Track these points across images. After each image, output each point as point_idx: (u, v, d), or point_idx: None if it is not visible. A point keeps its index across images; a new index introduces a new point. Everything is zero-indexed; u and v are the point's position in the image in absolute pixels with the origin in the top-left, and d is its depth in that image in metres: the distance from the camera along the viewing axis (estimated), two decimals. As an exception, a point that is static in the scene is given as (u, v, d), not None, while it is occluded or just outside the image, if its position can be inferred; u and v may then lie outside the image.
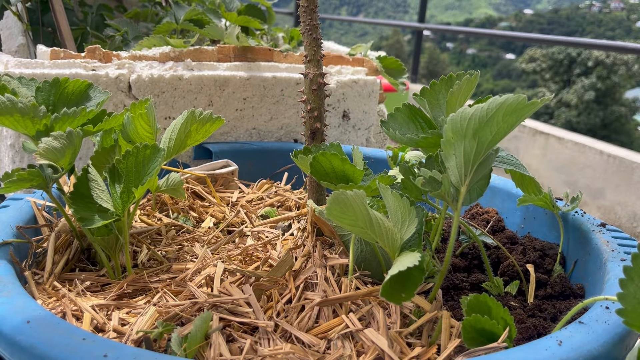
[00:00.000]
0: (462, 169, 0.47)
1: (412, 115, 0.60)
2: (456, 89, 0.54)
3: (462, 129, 0.46)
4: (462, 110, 0.45)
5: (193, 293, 0.51)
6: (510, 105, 0.43)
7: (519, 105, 0.43)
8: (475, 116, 0.45)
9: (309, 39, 0.65)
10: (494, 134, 0.45)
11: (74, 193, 0.54)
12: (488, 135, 0.45)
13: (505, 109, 0.44)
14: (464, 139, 0.46)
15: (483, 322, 0.43)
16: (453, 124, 0.46)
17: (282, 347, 0.44)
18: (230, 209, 0.76)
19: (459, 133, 0.46)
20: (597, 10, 47.61)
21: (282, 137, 1.03)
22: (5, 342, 0.40)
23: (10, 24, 1.29)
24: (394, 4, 77.87)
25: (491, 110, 0.44)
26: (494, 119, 0.44)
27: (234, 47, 1.02)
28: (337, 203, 0.45)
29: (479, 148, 0.46)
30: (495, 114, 0.44)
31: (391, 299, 0.44)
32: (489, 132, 0.45)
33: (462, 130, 0.46)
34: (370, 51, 1.25)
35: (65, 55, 0.91)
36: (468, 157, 0.46)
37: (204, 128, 0.63)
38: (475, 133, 0.45)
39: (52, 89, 0.59)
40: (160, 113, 0.91)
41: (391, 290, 0.44)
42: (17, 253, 0.56)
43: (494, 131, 0.45)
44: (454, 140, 0.46)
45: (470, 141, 0.46)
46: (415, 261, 0.42)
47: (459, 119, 0.46)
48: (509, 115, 0.44)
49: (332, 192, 0.46)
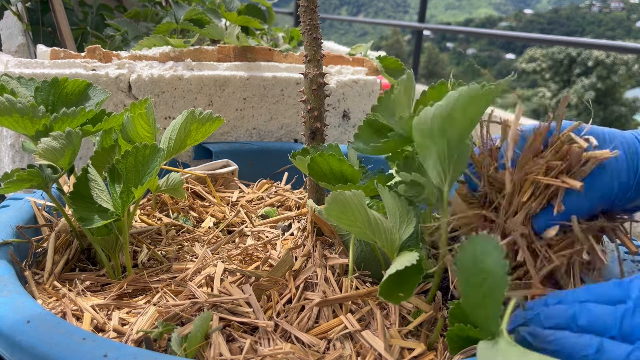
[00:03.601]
0: (440, 168, 0.47)
1: (373, 128, 0.60)
2: (397, 93, 0.54)
3: (428, 130, 0.45)
4: (424, 112, 0.45)
5: (193, 293, 0.51)
6: (466, 98, 0.42)
7: (474, 96, 0.42)
8: (437, 115, 0.44)
9: (309, 38, 0.65)
10: (461, 129, 0.44)
11: (74, 193, 0.54)
12: (455, 131, 0.44)
13: (462, 104, 0.43)
14: (433, 140, 0.45)
15: (468, 330, 0.42)
16: (419, 127, 0.45)
17: (282, 347, 0.44)
18: (230, 209, 0.76)
19: (426, 134, 0.45)
20: (597, 10, 47.61)
21: (282, 137, 1.03)
22: (5, 342, 0.40)
23: (10, 24, 1.29)
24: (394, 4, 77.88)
25: (449, 106, 0.43)
26: (454, 115, 0.43)
27: (234, 47, 1.02)
28: (336, 203, 0.45)
29: (450, 145, 0.45)
30: (455, 110, 0.43)
31: (389, 298, 0.44)
32: (456, 128, 0.44)
33: (430, 132, 0.45)
34: (370, 51, 1.25)
35: (65, 55, 0.91)
36: (443, 156, 0.46)
37: (204, 128, 0.63)
38: (442, 132, 0.44)
39: (51, 89, 0.59)
40: (160, 113, 0.91)
41: (389, 290, 0.44)
42: (17, 253, 0.56)
43: (459, 126, 0.44)
44: (424, 142, 0.46)
45: (440, 140, 0.45)
46: (413, 260, 0.42)
47: (422, 121, 0.45)
48: (468, 108, 0.43)
49: (331, 192, 0.46)
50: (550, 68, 19.28)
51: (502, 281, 0.36)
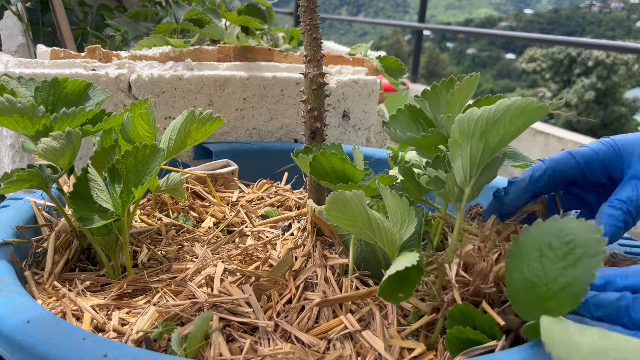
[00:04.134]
0: (468, 169, 0.47)
1: (414, 116, 0.60)
2: (457, 89, 0.54)
3: (469, 129, 0.45)
4: (471, 111, 0.45)
5: (193, 293, 0.51)
6: (518, 107, 0.43)
7: (527, 108, 0.43)
8: (483, 117, 0.44)
9: (309, 38, 0.65)
10: (501, 136, 0.45)
11: (74, 193, 0.54)
12: (495, 137, 0.45)
13: (512, 112, 0.43)
14: (470, 140, 0.46)
15: (467, 333, 0.42)
16: (461, 124, 0.46)
17: (282, 347, 0.44)
18: (230, 209, 0.76)
19: (466, 133, 0.46)
20: (597, 10, 47.61)
21: (282, 137, 1.03)
22: (5, 342, 0.40)
23: (10, 24, 1.29)
24: (394, 4, 77.88)
25: (499, 112, 0.44)
26: (501, 121, 0.44)
27: (234, 47, 1.02)
28: (336, 203, 0.45)
29: (485, 149, 0.46)
30: (503, 116, 0.44)
31: (389, 299, 0.44)
32: (496, 134, 0.45)
33: (470, 131, 0.45)
34: (370, 51, 1.25)
35: (65, 55, 0.91)
36: (474, 158, 0.46)
37: (204, 128, 0.63)
38: (482, 134, 0.45)
39: (51, 89, 0.59)
40: (160, 113, 0.91)
41: (389, 290, 0.44)
42: (17, 253, 0.56)
43: (500, 133, 0.45)
44: (461, 140, 0.46)
45: (477, 142, 0.46)
46: (413, 261, 0.42)
47: (466, 120, 0.45)
48: (516, 117, 0.44)
49: (332, 192, 0.46)
50: (550, 68, 19.28)
51: (597, 247, 0.38)
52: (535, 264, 0.40)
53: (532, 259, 0.41)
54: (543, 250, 0.40)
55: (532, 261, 0.41)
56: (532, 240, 0.41)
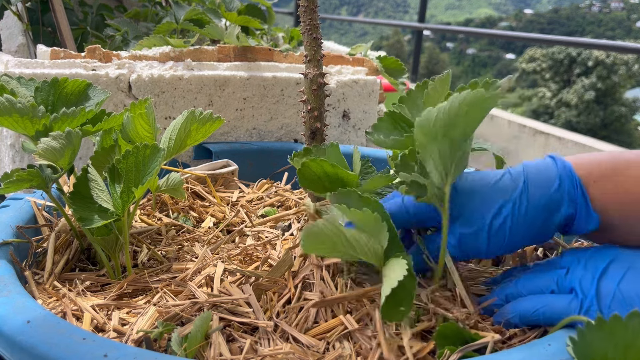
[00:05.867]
0: (442, 168, 0.47)
1: (394, 121, 0.60)
2: (431, 89, 0.54)
3: (431, 131, 0.45)
4: (427, 112, 0.45)
5: (193, 293, 0.51)
6: (470, 101, 0.43)
7: (478, 100, 0.43)
8: (439, 118, 0.44)
9: (309, 38, 0.65)
10: (463, 131, 0.45)
11: (74, 193, 0.54)
12: (458, 133, 0.45)
13: (467, 106, 0.43)
14: (435, 140, 0.46)
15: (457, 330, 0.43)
16: (422, 127, 0.46)
17: (282, 347, 0.44)
18: (230, 209, 0.76)
19: (429, 134, 0.46)
20: (597, 10, 47.59)
21: (282, 137, 1.03)
22: (5, 342, 0.40)
23: (10, 24, 1.29)
24: (394, 4, 77.87)
25: (453, 108, 0.44)
26: (458, 117, 0.44)
27: (234, 47, 1.02)
28: (309, 237, 0.43)
29: (452, 146, 0.46)
30: (458, 113, 0.44)
31: (393, 318, 0.44)
32: (458, 130, 0.45)
33: (433, 133, 0.45)
34: (370, 51, 1.25)
35: (65, 55, 0.91)
36: (445, 156, 0.46)
37: (204, 128, 0.63)
38: (445, 133, 0.45)
39: (51, 89, 0.59)
40: (160, 113, 0.91)
41: (391, 311, 0.44)
42: (17, 253, 0.56)
43: (461, 128, 0.45)
44: (426, 141, 0.46)
45: (442, 141, 0.46)
46: (403, 272, 0.42)
47: (425, 121, 0.45)
48: (471, 111, 0.44)
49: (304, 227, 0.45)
50: (550, 68, 19.28)
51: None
52: None
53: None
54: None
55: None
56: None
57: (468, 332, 0.44)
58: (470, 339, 0.44)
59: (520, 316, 0.47)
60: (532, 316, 0.46)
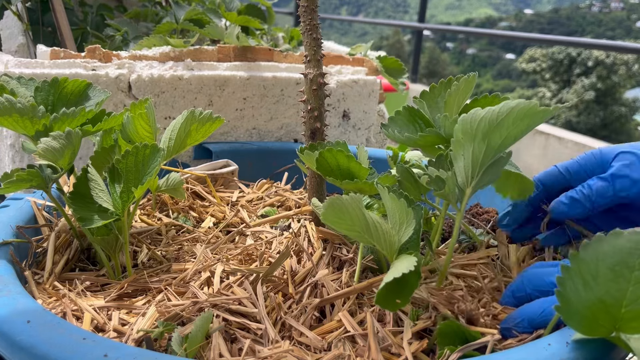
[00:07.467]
0: (470, 170, 0.47)
1: (412, 117, 0.60)
2: (454, 89, 0.54)
3: (472, 130, 0.45)
4: (474, 112, 0.45)
5: (193, 293, 0.51)
6: (522, 110, 0.43)
7: (530, 111, 0.43)
8: (486, 118, 0.44)
9: (309, 38, 0.65)
10: (504, 138, 0.45)
11: (74, 193, 0.54)
12: (497, 139, 0.45)
13: (516, 114, 0.43)
14: (473, 141, 0.46)
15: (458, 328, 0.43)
16: (464, 125, 0.46)
17: (282, 347, 0.44)
18: (230, 209, 0.76)
19: (468, 134, 0.46)
20: (597, 10, 47.58)
21: (282, 137, 1.03)
22: (6, 342, 0.40)
23: (10, 24, 1.29)
24: (394, 4, 77.85)
25: (502, 113, 0.43)
26: (504, 123, 0.44)
27: (234, 47, 1.02)
28: (333, 208, 0.44)
29: (487, 151, 0.45)
30: (506, 118, 0.43)
31: (386, 306, 0.44)
32: (499, 136, 0.45)
33: (472, 132, 0.45)
34: (370, 51, 1.25)
35: (65, 55, 0.91)
36: (476, 159, 0.46)
37: (204, 128, 0.63)
38: (485, 135, 0.45)
39: (51, 89, 0.59)
40: (160, 113, 0.91)
41: (386, 297, 0.43)
42: (17, 253, 0.56)
43: (503, 135, 0.44)
44: (464, 141, 0.46)
45: (480, 143, 0.45)
46: (410, 266, 0.42)
47: (469, 120, 0.45)
48: (520, 120, 0.43)
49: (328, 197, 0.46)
50: (550, 68, 19.27)
51: None
52: (610, 284, 0.39)
53: (606, 279, 0.39)
54: (618, 269, 0.38)
55: (607, 281, 0.39)
56: (599, 258, 0.39)
57: (468, 331, 0.44)
58: (471, 337, 0.44)
59: (529, 320, 0.46)
60: (540, 317, 0.46)
